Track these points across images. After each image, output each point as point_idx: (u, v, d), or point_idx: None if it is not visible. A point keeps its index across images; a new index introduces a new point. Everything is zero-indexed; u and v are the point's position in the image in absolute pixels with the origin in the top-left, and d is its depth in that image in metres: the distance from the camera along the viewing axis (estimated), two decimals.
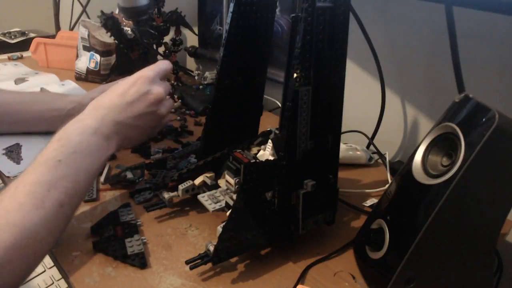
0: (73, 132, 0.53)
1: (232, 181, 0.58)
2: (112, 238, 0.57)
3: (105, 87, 0.85)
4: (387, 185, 0.72)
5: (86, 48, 1.16)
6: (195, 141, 0.84)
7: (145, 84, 0.60)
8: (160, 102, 0.61)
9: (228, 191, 0.60)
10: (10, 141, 0.80)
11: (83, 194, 0.53)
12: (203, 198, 0.60)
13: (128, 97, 0.59)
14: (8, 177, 0.70)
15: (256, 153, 0.61)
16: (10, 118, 0.81)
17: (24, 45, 1.45)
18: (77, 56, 1.19)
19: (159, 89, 0.61)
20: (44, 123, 0.82)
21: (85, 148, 0.53)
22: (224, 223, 0.53)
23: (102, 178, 0.70)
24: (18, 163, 0.74)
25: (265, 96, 0.71)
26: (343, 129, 0.60)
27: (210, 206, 0.59)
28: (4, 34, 1.55)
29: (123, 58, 1.15)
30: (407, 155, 0.78)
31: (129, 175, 0.70)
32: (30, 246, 0.44)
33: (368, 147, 0.87)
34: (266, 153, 0.59)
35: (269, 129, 0.64)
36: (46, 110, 0.83)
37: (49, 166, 0.49)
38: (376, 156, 0.85)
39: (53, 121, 0.82)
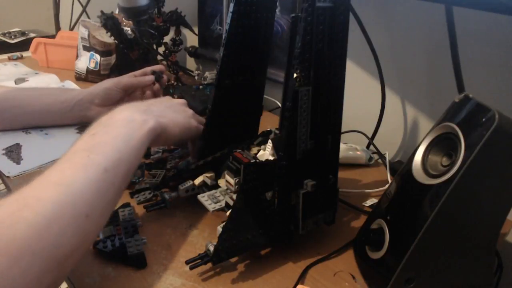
0: (101, 118, 0.53)
1: (232, 181, 0.58)
2: (112, 238, 0.57)
3: (107, 83, 0.85)
4: (387, 185, 0.72)
5: (86, 48, 1.16)
6: None
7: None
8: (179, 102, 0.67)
9: (228, 191, 0.60)
10: (10, 141, 0.80)
11: (129, 167, 0.50)
12: (203, 198, 0.60)
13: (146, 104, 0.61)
14: (8, 177, 0.70)
15: (256, 153, 0.61)
16: (18, 110, 0.81)
17: (24, 45, 1.45)
18: (77, 56, 1.19)
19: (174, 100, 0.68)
20: (51, 116, 0.82)
21: (117, 121, 0.52)
22: (224, 223, 0.53)
23: None
24: (18, 163, 0.74)
25: (265, 96, 0.71)
26: (343, 129, 0.60)
27: (210, 206, 0.59)
28: (4, 34, 1.55)
29: (123, 58, 1.16)
30: (407, 155, 0.78)
31: None
32: (76, 205, 0.42)
33: (368, 147, 0.87)
34: (266, 153, 0.59)
35: (269, 129, 0.64)
36: (53, 102, 0.83)
37: (84, 139, 0.49)
38: (376, 156, 0.85)
39: (61, 114, 0.82)
